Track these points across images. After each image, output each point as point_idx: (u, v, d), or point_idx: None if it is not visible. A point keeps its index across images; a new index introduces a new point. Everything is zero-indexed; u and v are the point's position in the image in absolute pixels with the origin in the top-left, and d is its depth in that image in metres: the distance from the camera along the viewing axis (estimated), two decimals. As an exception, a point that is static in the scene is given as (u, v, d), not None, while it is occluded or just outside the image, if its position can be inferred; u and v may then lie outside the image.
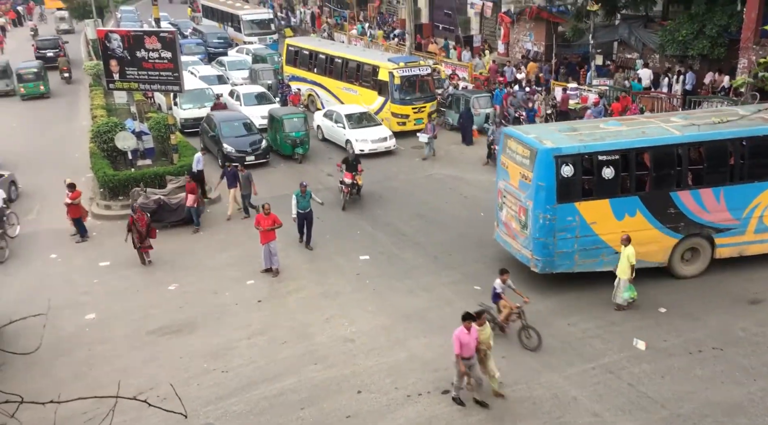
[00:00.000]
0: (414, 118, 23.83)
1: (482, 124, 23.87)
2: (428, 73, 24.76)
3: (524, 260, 13.67)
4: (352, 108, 23.88)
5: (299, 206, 15.63)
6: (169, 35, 18.70)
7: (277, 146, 22.37)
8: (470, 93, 24.80)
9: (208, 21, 46.45)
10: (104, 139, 19.73)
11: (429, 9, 38.43)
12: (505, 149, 14.09)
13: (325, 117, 24.02)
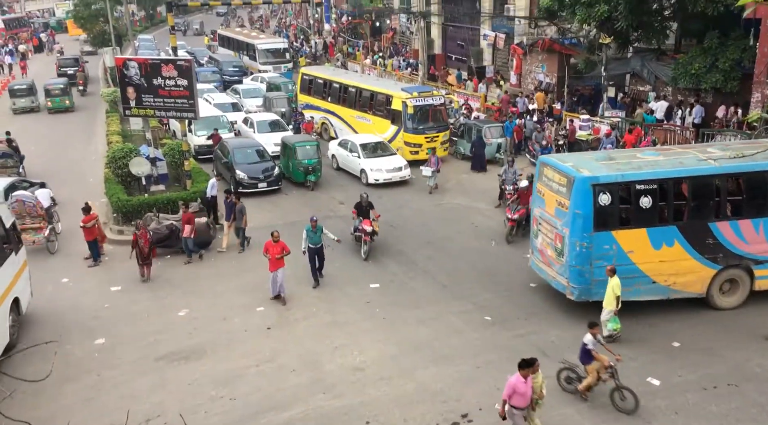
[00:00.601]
0: (427, 147, 23.84)
1: (494, 154, 23.92)
2: (441, 102, 24.94)
3: (560, 288, 13.64)
4: (366, 137, 23.95)
5: (310, 241, 15.33)
6: (186, 63, 18.98)
7: (289, 173, 22.43)
8: (482, 123, 24.93)
9: (224, 50, 47.20)
10: (119, 165, 19.92)
11: (442, 40, 38.87)
12: (541, 177, 14.20)
13: (339, 146, 24.11)
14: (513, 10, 30.93)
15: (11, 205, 16.93)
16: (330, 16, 55.36)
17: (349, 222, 18.64)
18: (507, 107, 28.02)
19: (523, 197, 17.42)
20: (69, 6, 66.62)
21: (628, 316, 13.60)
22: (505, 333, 13.17)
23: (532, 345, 12.60)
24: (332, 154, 24.33)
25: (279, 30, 60.42)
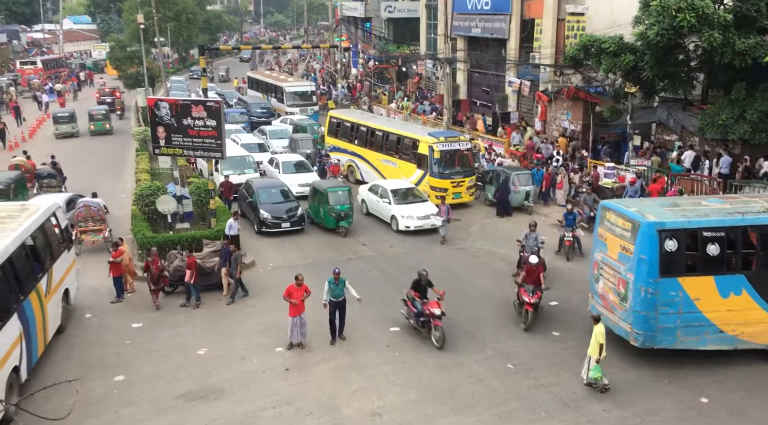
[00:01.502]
0: (452, 192, 23.77)
1: (522, 202, 23.69)
2: (468, 147, 24.88)
3: (622, 333, 13.48)
4: (397, 183, 23.70)
5: (332, 294, 14.49)
6: (215, 104, 19.39)
7: (320, 219, 22.05)
8: (510, 169, 24.60)
9: (252, 92, 48.19)
10: (146, 202, 20.22)
11: (467, 85, 39.30)
12: (603, 221, 14.24)
13: (370, 191, 23.83)
14: (538, 58, 31.24)
15: (78, 210, 20.28)
16: (357, 60, 56.50)
17: (372, 263, 18.61)
18: (531, 153, 28.06)
19: (531, 274, 15.26)
20: (106, 48, 68.91)
21: (656, 367, 13.31)
22: (528, 382, 12.90)
23: (554, 395, 12.32)
24: (362, 198, 24.10)
25: (307, 74, 61.63)
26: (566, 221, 19.66)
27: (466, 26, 36.62)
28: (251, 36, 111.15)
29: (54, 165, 26.19)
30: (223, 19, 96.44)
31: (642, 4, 22.22)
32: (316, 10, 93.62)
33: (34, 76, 58.07)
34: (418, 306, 14.56)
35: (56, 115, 39.18)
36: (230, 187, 23.98)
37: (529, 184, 23.98)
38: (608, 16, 27.51)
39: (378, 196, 23.22)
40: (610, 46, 23.13)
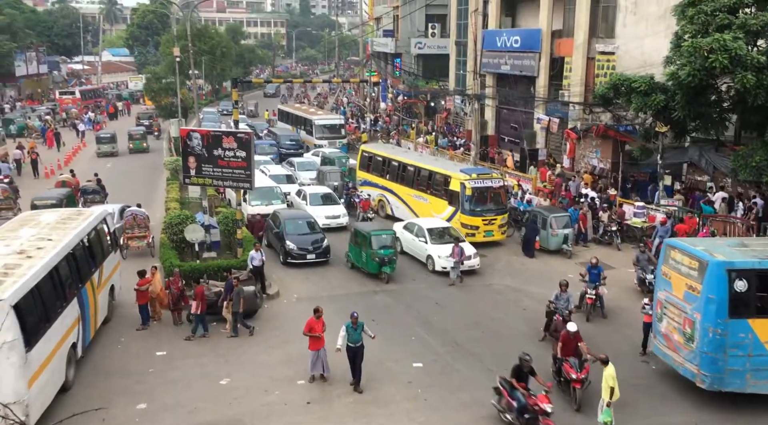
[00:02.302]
0: (484, 230, 23.35)
1: (560, 245, 22.84)
2: (500, 185, 24.43)
3: (688, 375, 13.24)
4: (433, 222, 23.13)
5: (349, 339, 13.86)
6: (246, 136, 19.70)
7: (361, 263, 21.01)
8: (547, 211, 23.75)
9: (282, 124, 48.88)
10: (174, 231, 20.46)
11: (495, 121, 39.40)
12: (668, 259, 14.08)
13: (405, 229, 23.18)
14: (567, 95, 31.26)
15: (127, 217, 22.67)
16: (386, 95, 57.13)
17: (396, 297, 18.43)
18: (559, 190, 27.88)
19: (568, 345, 13.47)
20: (142, 79, 70.83)
21: (683, 411, 12.92)
22: None
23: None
24: (396, 236, 22.88)
25: (336, 107, 62.46)
26: (590, 276, 17.85)
27: (495, 63, 36.89)
28: (283, 70, 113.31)
29: (98, 182, 28.57)
30: (256, 53, 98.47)
31: (673, 45, 22.19)
32: (347, 46, 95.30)
33: (72, 105, 59.74)
34: (520, 398, 12.12)
35: (99, 136, 43.65)
36: (261, 226, 23.49)
37: (568, 226, 23.06)
38: (639, 55, 27.51)
39: (413, 234, 22.56)
40: (641, 86, 23.04)
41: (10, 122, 47.96)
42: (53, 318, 13.23)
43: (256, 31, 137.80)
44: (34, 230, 15.37)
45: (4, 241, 14.37)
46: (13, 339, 11.37)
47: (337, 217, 26.16)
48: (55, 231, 15.38)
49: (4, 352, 11.27)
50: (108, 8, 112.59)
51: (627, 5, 29.08)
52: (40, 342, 12.40)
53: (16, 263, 13.07)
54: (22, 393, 11.45)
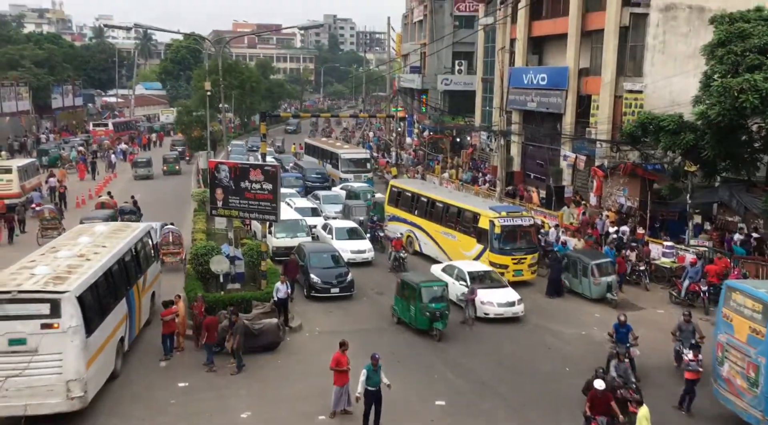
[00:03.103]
0: (513, 269, 22.79)
1: (604, 294, 21.45)
2: (531, 224, 23.94)
3: (752, 421, 12.89)
4: (474, 265, 22.14)
5: (369, 383, 13.35)
6: (272, 169, 19.87)
7: (408, 318, 19.03)
8: (588, 256, 22.32)
9: (308, 157, 49.41)
10: (200, 262, 20.60)
11: (521, 158, 39.34)
12: (728, 301, 13.84)
13: (443, 272, 22.01)
14: (594, 133, 31.15)
15: (164, 234, 24.63)
16: (412, 130, 57.52)
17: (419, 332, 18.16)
18: (586, 228, 27.58)
19: (599, 404, 12.56)
20: (173, 112, 72.36)
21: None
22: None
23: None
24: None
25: (363, 141, 63.02)
26: (617, 335, 16.09)
27: (522, 100, 37.01)
28: (311, 104, 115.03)
29: (134, 203, 31.21)
30: (285, 88, 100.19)
31: (702, 84, 22.08)
32: (374, 82, 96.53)
33: (105, 137, 61.14)
34: None
35: (136, 161, 48.14)
36: (295, 267, 22.24)
37: (611, 273, 21.67)
38: (667, 94, 27.42)
39: (453, 277, 21.33)
40: (670, 124, 22.92)
41: (44, 153, 49.16)
42: (107, 313, 15.29)
43: (285, 67, 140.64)
44: (91, 239, 17.63)
45: (67, 247, 16.73)
46: (76, 324, 13.36)
47: (362, 252, 26.00)
48: (108, 240, 17.72)
49: (69, 335, 13.23)
50: (143, 44, 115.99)
51: (655, 44, 29.10)
52: (97, 331, 14.35)
53: (77, 264, 15.25)
54: (81, 372, 13.37)
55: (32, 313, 13.13)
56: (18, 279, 14.01)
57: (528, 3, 36.30)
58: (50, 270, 14.52)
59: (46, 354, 13.07)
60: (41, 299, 13.29)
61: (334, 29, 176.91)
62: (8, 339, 12.97)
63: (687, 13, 28.87)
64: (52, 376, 13.07)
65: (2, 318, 13.05)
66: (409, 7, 64.90)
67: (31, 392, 12.97)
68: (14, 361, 12.94)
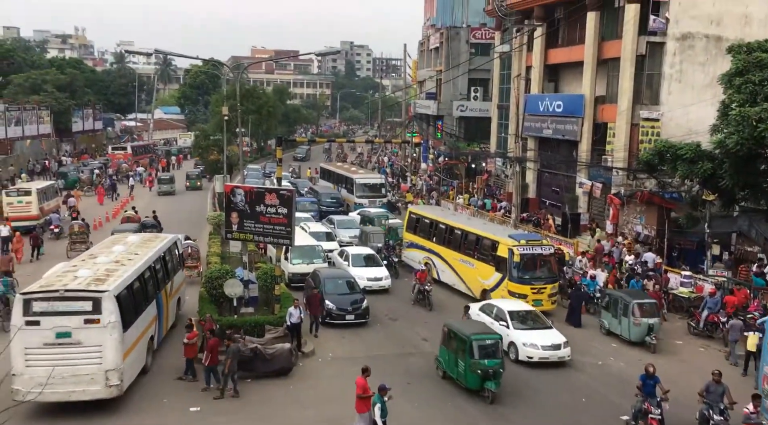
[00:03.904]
0: (532, 299, 22.10)
1: (643, 337, 19.86)
2: (551, 252, 23.36)
3: None
4: (515, 304, 20.78)
5: (384, 415, 13.11)
6: (288, 193, 19.97)
7: (456, 373, 16.85)
8: (630, 295, 20.85)
9: (324, 182, 49.60)
10: (214, 285, 20.60)
11: (536, 185, 39.25)
12: None
13: (481, 312, 20.44)
14: (611, 160, 31.03)
15: (185, 247, 25.53)
16: (428, 156, 57.65)
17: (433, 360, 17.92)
18: (601, 256, 27.31)
19: None
20: (191, 136, 73.08)
21: None
22: None
23: None
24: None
25: (378, 166, 63.24)
26: (645, 387, 14.56)
27: (538, 127, 37.04)
28: (327, 129, 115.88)
29: (155, 218, 33.17)
30: (301, 113, 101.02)
31: (720, 113, 21.98)
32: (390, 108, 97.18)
33: (123, 160, 61.87)
34: None
35: (160, 177, 52.26)
36: (319, 302, 21.10)
37: (653, 314, 20.09)
38: (684, 123, 27.34)
39: (492, 317, 19.92)
40: (687, 153, 22.79)
41: (64, 176, 49.80)
42: (140, 312, 16.85)
43: (302, 92, 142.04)
44: (124, 247, 19.37)
45: (103, 254, 18.51)
46: (115, 320, 14.96)
47: (379, 280, 25.55)
48: (140, 248, 19.47)
49: (109, 330, 14.84)
50: (163, 69, 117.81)
51: (672, 73, 29.10)
52: (131, 327, 15.97)
53: (114, 268, 16.98)
54: (118, 363, 14.99)
55: (77, 310, 14.77)
56: (63, 280, 15.71)
57: (544, 32, 36.51)
58: (91, 273, 16.22)
59: (88, 346, 14.73)
60: (85, 297, 14.95)
61: (351, 55, 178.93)
62: (56, 332, 14.55)
63: (704, 43, 28.92)
64: (93, 366, 14.70)
65: (50, 313, 14.65)
66: (426, 34, 65.58)
67: (75, 380, 14.61)
68: (61, 352, 14.54)
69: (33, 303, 14.74)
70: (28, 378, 14.34)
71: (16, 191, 35.41)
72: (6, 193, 35.27)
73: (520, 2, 38.53)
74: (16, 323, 14.60)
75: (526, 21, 37.83)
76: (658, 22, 29.07)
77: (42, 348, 14.53)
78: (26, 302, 14.75)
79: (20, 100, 59.56)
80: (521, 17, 38.83)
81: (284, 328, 18.70)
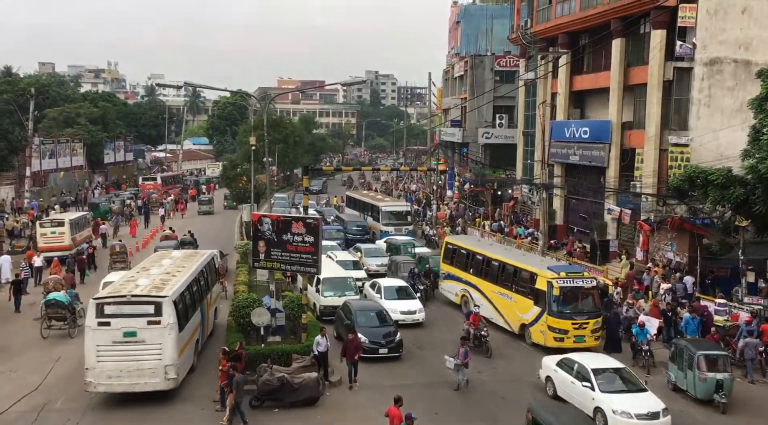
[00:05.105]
0: (574, 335, 21.13)
1: (711, 395, 17.31)
2: (593, 285, 22.25)
3: None
4: (600, 359, 18.09)
5: None
6: (314, 222, 20.06)
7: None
8: (694, 345, 18.27)
9: (350, 210, 49.79)
10: (242, 314, 20.65)
11: (564, 211, 38.89)
12: None
13: (559, 367, 18.06)
14: (639, 186, 30.66)
15: None
16: (453, 183, 57.62)
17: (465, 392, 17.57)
18: (632, 283, 26.83)
19: None
20: (219, 167, 74.08)
21: None
22: None
23: None
24: (547, 375, 18.55)
25: (403, 194, 63.33)
26: None
27: (564, 153, 36.85)
28: (352, 157, 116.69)
29: (192, 235, 36.77)
30: (327, 142, 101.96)
31: (751, 138, 21.68)
32: (415, 135, 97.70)
33: (153, 191, 62.90)
34: None
35: (200, 199, 60.13)
36: (356, 348, 19.08)
37: (725, 369, 17.49)
38: (714, 148, 26.97)
39: (573, 375, 17.33)
40: (718, 178, 22.43)
41: (95, 206, 50.74)
42: (189, 317, 18.97)
43: (327, 121, 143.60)
44: (171, 261, 21.88)
45: (154, 267, 21.01)
46: (173, 321, 17.11)
47: (413, 313, 24.70)
48: (185, 262, 21.87)
49: (168, 330, 16.96)
50: (192, 101, 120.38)
51: (701, 98, 28.84)
52: (184, 329, 18.02)
53: (167, 278, 19.22)
54: (175, 358, 17.08)
55: (141, 312, 16.84)
56: (127, 288, 17.97)
57: (569, 60, 36.53)
58: (149, 282, 18.48)
59: (150, 344, 16.76)
60: (148, 301, 17.10)
61: (376, 85, 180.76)
62: (123, 332, 16.64)
63: (733, 67, 28.69)
64: (154, 361, 16.73)
65: (119, 315, 16.77)
66: (450, 62, 66.07)
67: (139, 373, 16.68)
68: (127, 349, 16.64)
69: (105, 306, 16.85)
70: (99, 372, 16.51)
71: (50, 222, 36.30)
72: (40, 224, 36.19)
73: (544, 30, 38.71)
74: (90, 324, 16.75)
75: (550, 48, 37.92)
76: (684, 47, 28.92)
77: (111, 346, 16.59)
78: (99, 306, 16.87)
79: (54, 133, 61.14)
80: (546, 44, 38.96)
81: (311, 357, 18.62)
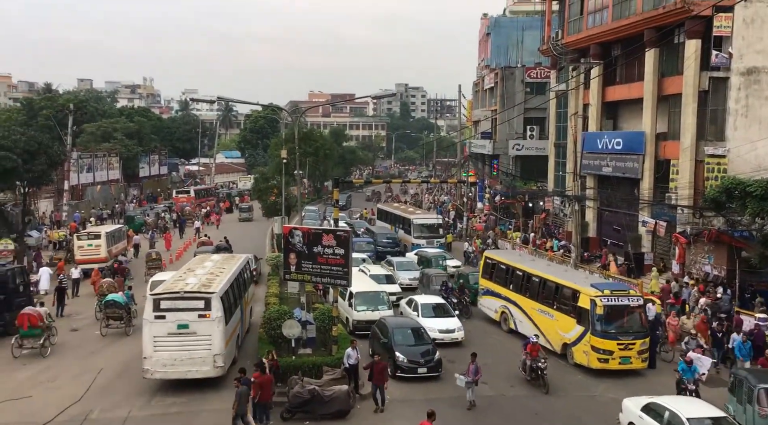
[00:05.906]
0: (619, 356, 20.41)
1: None
2: (639, 303, 21.33)
3: None
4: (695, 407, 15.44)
5: None
6: (345, 234, 20.11)
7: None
8: (755, 376, 16.28)
9: (380, 222, 49.80)
10: (273, 326, 20.76)
11: (597, 223, 38.34)
12: None
13: (645, 412, 15.69)
14: (675, 198, 30.08)
15: None
16: (483, 195, 57.31)
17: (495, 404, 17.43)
18: (668, 297, 26.26)
19: None
20: (250, 179, 74.89)
21: None
22: None
23: None
24: (629, 422, 16.25)
25: (433, 205, 63.18)
26: None
27: (596, 165, 36.39)
28: (382, 170, 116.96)
29: (227, 241, 39.29)
30: (357, 154, 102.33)
31: (790, 147, 21.13)
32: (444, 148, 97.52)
33: (187, 203, 63.85)
34: None
35: (241, 207, 63.66)
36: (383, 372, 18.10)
37: None
38: (752, 159, 26.43)
39: (663, 424, 14.96)
40: (757, 190, 21.94)
41: (131, 219, 51.72)
42: (233, 312, 20.52)
43: (357, 134, 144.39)
44: (212, 263, 23.68)
45: (199, 268, 22.75)
46: (221, 315, 18.86)
47: (451, 331, 23.87)
48: (225, 264, 23.61)
49: (216, 322, 18.70)
50: (224, 115, 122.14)
51: (737, 108, 28.29)
52: (229, 323, 19.62)
53: (212, 278, 20.94)
54: (223, 349, 18.84)
55: (192, 307, 18.57)
56: (178, 285, 19.68)
57: (601, 72, 36.16)
58: (197, 280, 20.28)
59: (201, 335, 18.49)
60: (198, 297, 18.82)
61: (406, 97, 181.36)
62: (177, 324, 18.41)
63: (770, 76, 28.09)
64: (204, 351, 18.47)
65: (173, 310, 18.50)
66: (480, 74, 65.94)
67: (191, 362, 18.43)
68: (181, 340, 18.39)
69: (161, 301, 18.59)
70: (155, 360, 18.28)
71: (87, 235, 37.12)
72: (77, 237, 37.05)
73: (576, 41, 38.40)
74: (148, 317, 18.45)
75: (582, 59, 37.62)
76: (720, 57, 28.42)
77: (166, 337, 18.31)
78: (156, 301, 18.63)
79: (92, 148, 62.57)
80: (577, 55, 38.65)
81: (342, 370, 18.61)
